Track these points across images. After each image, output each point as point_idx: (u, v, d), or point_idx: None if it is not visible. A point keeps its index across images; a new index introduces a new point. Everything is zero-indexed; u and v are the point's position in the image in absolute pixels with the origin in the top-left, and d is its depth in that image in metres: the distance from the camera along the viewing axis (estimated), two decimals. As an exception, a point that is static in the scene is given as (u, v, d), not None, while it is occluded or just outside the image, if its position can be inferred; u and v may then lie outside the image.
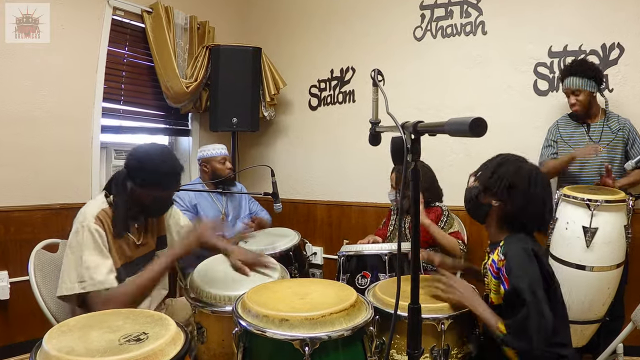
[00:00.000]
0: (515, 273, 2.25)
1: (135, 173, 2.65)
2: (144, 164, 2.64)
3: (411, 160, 1.63)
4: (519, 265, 2.26)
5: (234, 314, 2.21)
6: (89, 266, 2.44)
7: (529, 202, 2.40)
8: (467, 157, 4.74)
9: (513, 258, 2.30)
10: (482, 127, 1.35)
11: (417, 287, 1.75)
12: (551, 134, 4.04)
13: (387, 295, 2.58)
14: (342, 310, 2.11)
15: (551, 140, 4.01)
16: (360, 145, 5.05)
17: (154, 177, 2.64)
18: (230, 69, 5.43)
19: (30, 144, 4.25)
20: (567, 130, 3.95)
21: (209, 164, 4.50)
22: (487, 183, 2.51)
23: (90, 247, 2.49)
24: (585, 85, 3.73)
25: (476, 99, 4.77)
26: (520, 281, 2.20)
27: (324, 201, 5.90)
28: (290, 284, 2.63)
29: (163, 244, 3.07)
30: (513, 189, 2.41)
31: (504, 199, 2.45)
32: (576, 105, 3.80)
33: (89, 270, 2.43)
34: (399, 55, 5.23)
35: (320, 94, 5.90)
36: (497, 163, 2.55)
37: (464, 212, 2.81)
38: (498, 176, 2.47)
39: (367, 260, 3.41)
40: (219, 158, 4.50)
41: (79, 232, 2.50)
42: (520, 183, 2.41)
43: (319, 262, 5.87)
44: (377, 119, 2.17)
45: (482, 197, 2.56)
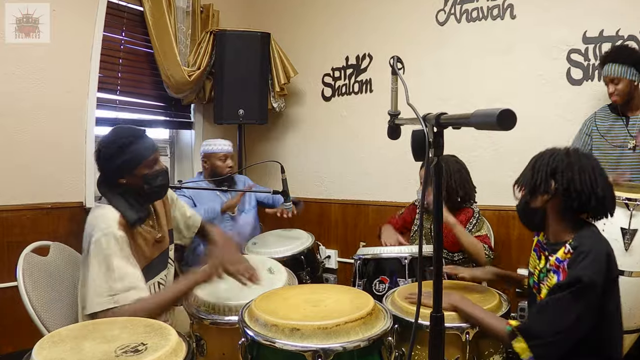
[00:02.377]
0: (579, 266, 2.23)
1: (108, 169, 2.70)
2: (105, 154, 2.66)
3: (433, 156, 1.63)
4: (586, 261, 2.23)
5: (241, 322, 2.22)
6: (121, 277, 2.46)
7: (577, 179, 2.35)
8: (495, 153, 4.73)
9: (581, 253, 2.27)
10: (510, 119, 1.35)
11: (439, 293, 1.75)
12: (586, 126, 4.00)
13: (407, 302, 2.58)
14: (359, 318, 2.11)
15: (584, 134, 3.98)
16: (378, 140, 5.06)
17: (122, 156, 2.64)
18: (237, 56, 5.42)
19: (18, 139, 4.20)
20: (605, 123, 3.90)
21: (208, 160, 4.57)
22: (532, 182, 2.49)
23: (119, 255, 2.50)
24: (625, 73, 3.69)
25: (504, 89, 4.72)
26: (583, 274, 2.17)
27: (339, 200, 5.90)
28: (302, 290, 2.64)
29: (172, 238, 3.10)
30: (556, 175, 2.39)
31: (551, 190, 2.42)
32: (615, 95, 3.75)
33: (122, 282, 2.45)
34: (420, 41, 5.22)
35: (334, 83, 5.90)
36: (534, 160, 2.54)
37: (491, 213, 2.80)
38: (537, 170, 2.46)
39: (386, 264, 3.41)
40: (220, 155, 4.55)
41: (103, 241, 2.50)
42: (560, 164, 2.39)
43: (333, 266, 5.87)
44: (396, 110, 2.17)
45: (532, 202, 2.53)
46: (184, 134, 6.07)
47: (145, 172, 2.72)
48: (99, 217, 2.60)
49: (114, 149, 2.64)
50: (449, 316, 1.87)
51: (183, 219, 3.24)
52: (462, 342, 2.39)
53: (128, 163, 2.67)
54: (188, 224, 3.29)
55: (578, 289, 2.15)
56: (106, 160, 2.67)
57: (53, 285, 2.91)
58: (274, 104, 5.80)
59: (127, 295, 2.43)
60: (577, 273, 2.20)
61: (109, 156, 2.65)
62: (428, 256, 3.25)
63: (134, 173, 2.69)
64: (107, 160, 2.66)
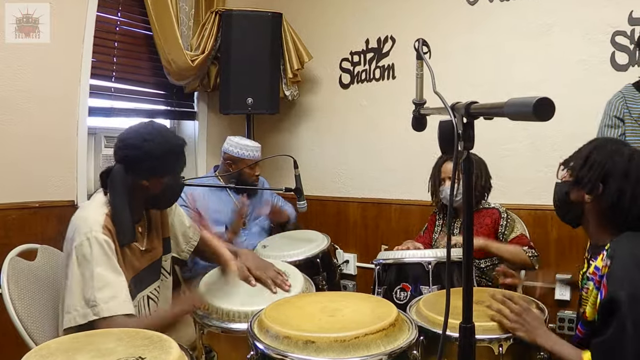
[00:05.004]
0: (615, 280, 2.17)
1: (136, 164, 2.66)
2: (144, 150, 2.64)
3: (463, 149, 1.63)
4: (622, 272, 2.17)
5: (249, 334, 2.22)
6: (101, 287, 2.42)
7: (629, 193, 2.31)
8: (531, 146, 4.69)
9: (617, 263, 2.21)
10: (548, 108, 1.34)
11: (470, 301, 1.75)
12: (615, 108, 3.79)
13: (434, 311, 2.57)
14: (380, 330, 2.11)
15: (615, 118, 3.76)
16: (402, 131, 5.05)
17: (160, 161, 2.66)
18: (245, 39, 5.42)
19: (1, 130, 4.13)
20: (637, 105, 3.72)
21: (236, 164, 4.50)
22: (580, 174, 2.45)
23: (102, 263, 2.47)
24: None
25: (541, 76, 4.67)
26: (620, 290, 2.11)
27: (358, 198, 5.89)
28: (317, 298, 2.64)
29: (166, 248, 3.08)
30: (608, 180, 2.35)
31: (597, 193, 2.38)
32: None
33: (102, 292, 2.41)
34: (448, 22, 5.19)
35: (353, 69, 5.89)
36: (592, 147, 2.48)
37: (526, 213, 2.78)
38: (591, 165, 2.41)
39: (408, 269, 3.39)
40: (249, 161, 4.49)
41: (85, 246, 2.47)
42: (617, 169, 2.34)
43: (352, 271, 5.87)
44: (421, 99, 2.17)
45: (573, 193, 2.49)
46: (186, 126, 6.09)
47: (169, 182, 2.76)
48: (82, 219, 2.59)
49: (164, 149, 2.67)
50: (479, 327, 1.86)
51: (181, 229, 3.22)
52: (494, 356, 2.38)
53: (165, 168, 2.71)
54: (187, 235, 3.26)
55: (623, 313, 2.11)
56: (146, 156, 2.64)
57: (41, 292, 2.90)
58: (286, 92, 5.80)
59: (109, 306, 2.40)
60: (613, 293, 2.16)
61: (152, 154, 2.64)
62: (455, 261, 3.26)
63: (162, 179, 2.72)
64: (146, 156, 2.64)
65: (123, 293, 2.48)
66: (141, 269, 2.76)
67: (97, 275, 2.42)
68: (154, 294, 2.90)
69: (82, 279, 2.44)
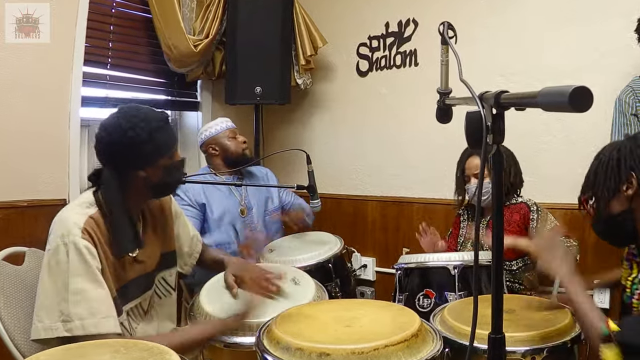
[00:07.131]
0: None
1: (127, 159, 2.59)
2: (130, 141, 2.55)
3: (492, 143, 1.63)
4: None
5: (258, 346, 2.23)
6: (78, 300, 2.32)
7: None
8: (567, 140, 4.63)
9: None
10: (586, 98, 1.34)
11: (500, 309, 1.75)
12: (628, 106, 3.75)
13: (460, 321, 2.57)
14: (402, 341, 2.11)
15: (630, 115, 3.74)
16: (425, 123, 5.05)
17: (151, 144, 2.57)
18: (253, 22, 5.42)
19: None
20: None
21: (216, 144, 4.48)
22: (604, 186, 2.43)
23: (79, 272, 2.35)
24: None
25: (578, 63, 4.60)
26: None
27: (377, 197, 5.89)
28: (331, 306, 2.65)
29: (170, 262, 3.02)
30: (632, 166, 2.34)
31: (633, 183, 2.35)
32: None
33: (78, 306, 2.31)
34: (475, 2, 5.16)
35: (371, 55, 5.88)
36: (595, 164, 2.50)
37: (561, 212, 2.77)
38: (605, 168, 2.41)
39: (432, 274, 3.40)
40: (226, 133, 4.50)
41: (60, 251, 2.37)
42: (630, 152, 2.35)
43: (370, 277, 5.87)
44: (447, 88, 2.18)
45: (613, 207, 2.45)
46: (188, 117, 6.11)
47: (168, 162, 2.70)
48: (63, 218, 2.51)
49: (143, 135, 2.54)
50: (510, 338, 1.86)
51: (187, 241, 3.20)
52: (525, 370, 2.39)
53: (157, 151, 2.62)
54: (191, 247, 3.26)
55: None
56: (134, 146, 2.55)
57: (29, 300, 2.83)
58: (298, 80, 5.80)
59: (85, 323, 2.30)
60: None
61: (134, 143, 2.54)
62: (483, 265, 3.21)
63: (157, 164, 2.65)
64: (134, 146, 2.55)
65: (103, 308, 2.38)
66: (128, 280, 2.64)
67: (72, 287, 2.33)
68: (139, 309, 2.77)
69: (54, 288, 2.36)
